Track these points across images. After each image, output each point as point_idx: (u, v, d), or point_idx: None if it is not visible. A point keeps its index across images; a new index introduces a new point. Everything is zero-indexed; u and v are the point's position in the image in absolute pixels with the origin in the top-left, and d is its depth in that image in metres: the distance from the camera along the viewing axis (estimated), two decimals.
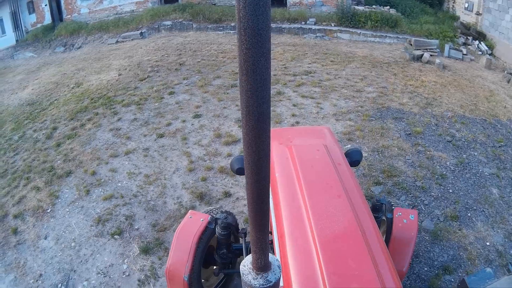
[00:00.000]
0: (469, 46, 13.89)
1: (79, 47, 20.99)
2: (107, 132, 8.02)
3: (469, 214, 5.35)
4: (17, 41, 25.63)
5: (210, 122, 7.59)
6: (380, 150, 6.38)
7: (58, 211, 6.03)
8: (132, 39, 17.79)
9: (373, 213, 3.29)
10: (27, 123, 10.15)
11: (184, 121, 7.74)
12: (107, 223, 5.50)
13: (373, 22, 14.48)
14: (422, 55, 11.70)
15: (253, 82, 0.90)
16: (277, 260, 1.45)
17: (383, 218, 3.97)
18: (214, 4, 18.55)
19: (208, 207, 4.33)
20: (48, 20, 24.83)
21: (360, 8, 15.37)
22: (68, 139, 8.21)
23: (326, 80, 9.59)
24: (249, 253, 1.42)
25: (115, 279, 4.72)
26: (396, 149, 6.45)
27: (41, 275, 5.07)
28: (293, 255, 2.48)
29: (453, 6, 17.92)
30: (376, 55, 12.20)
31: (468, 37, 14.54)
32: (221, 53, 12.40)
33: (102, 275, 4.79)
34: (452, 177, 5.99)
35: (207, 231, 3.56)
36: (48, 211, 6.09)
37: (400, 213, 3.69)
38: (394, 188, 5.50)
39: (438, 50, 12.70)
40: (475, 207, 5.48)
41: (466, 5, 15.90)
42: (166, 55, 12.87)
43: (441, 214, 5.23)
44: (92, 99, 10.24)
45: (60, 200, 6.27)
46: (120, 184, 6.26)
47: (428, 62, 11.46)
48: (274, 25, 15.48)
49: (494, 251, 4.85)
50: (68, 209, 5.98)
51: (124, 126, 8.14)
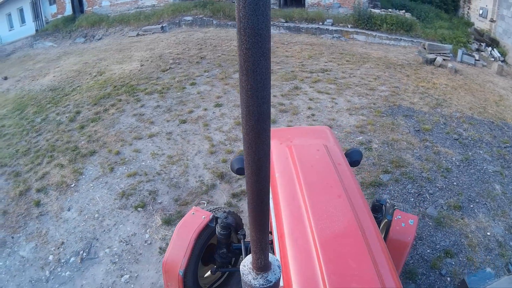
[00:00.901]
0: (482, 52, 14.15)
1: (100, 39, 21.55)
2: (130, 117, 8.49)
3: (471, 206, 5.63)
4: (36, 30, 26.26)
5: (231, 111, 8.03)
6: (390, 143, 6.75)
7: (82, 186, 6.45)
8: (153, 33, 18.29)
9: (373, 214, 3.34)
10: (50, 107, 10.68)
11: (205, 109, 8.20)
12: (131, 197, 5.92)
13: (388, 25, 14.79)
14: (435, 58, 12.01)
15: (253, 82, 0.91)
16: (277, 260, 1.47)
17: (384, 219, 4.00)
18: (234, 2, 19.04)
19: (214, 206, 4.39)
20: (68, 11, 25.42)
21: (376, 11, 15.71)
22: (92, 122, 8.69)
23: (341, 78, 9.98)
24: (249, 253, 1.43)
25: (137, 247, 5.10)
26: (405, 143, 6.82)
27: (63, 243, 5.45)
28: (293, 255, 2.50)
29: (468, 12, 18.16)
30: (390, 57, 12.55)
31: (481, 43, 14.81)
32: None
33: (125, 243, 5.17)
34: (457, 172, 6.32)
35: (208, 229, 3.60)
36: (72, 186, 6.52)
37: (400, 216, 3.69)
38: (401, 177, 5.86)
39: (451, 54, 13.00)
40: (477, 200, 5.75)
41: (481, 11, 16.17)
42: (187, 49, 13.34)
43: (444, 203, 5.54)
44: (115, 87, 10.73)
45: (84, 176, 6.70)
46: (144, 163, 6.71)
47: (440, 65, 11.77)
48: (292, 25, 15.88)
49: (494, 241, 5.09)
50: (92, 185, 6.41)
51: (147, 112, 8.61)
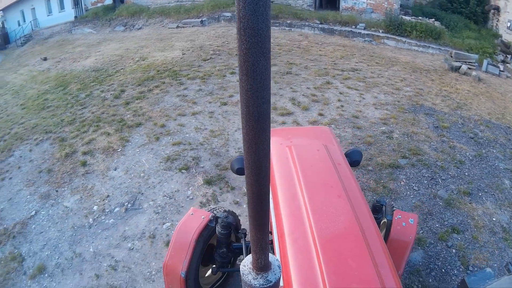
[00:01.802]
0: (507, 64, 14.56)
1: (140, 28, 22.65)
2: (174, 97, 9.40)
3: (480, 194, 6.17)
4: (75, 17, 27.65)
5: None
6: (410, 134, 7.42)
7: (128, 151, 7.32)
8: (192, 26, 19.23)
9: (373, 214, 3.36)
10: (94, 85, 11.71)
11: None
12: (175, 161, 6.75)
13: (418, 32, 15.33)
14: (460, 66, 12.55)
15: (253, 82, 0.91)
16: (277, 260, 1.46)
17: (384, 219, 4.04)
18: (272, 1, 19.82)
19: (212, 206, 4.43)
20: (109, 0, 26.67)
21: (407, 18, 16.24)
22: (137, 99, 9.63)
23: (370, 77, 10.66)
24: (249, 253, 1.42)
25: (180, 201, 5.88)
26: (423, 136, 7.47)
27: (108, 196, 6.24)
28: (293, 255, 2.49)
29: (496, 24, 18.48)
30: (417, 62, 13.14)
31: (507, 55, 15.23)
32: (277, 45, 13.61)
33: (168, 198, 5.95)
34: (469, 165, 6.93)
35: (207, 229, 3.60)
36: (119, 150, 7.40)
37: (400, 216, 3.72)
38: (417, 162, 6.53)
39: (477, 64, 13.48)
40: (486, 190, 6.28)
41: (508, 24, 16.55)
42: (226, 42, 14.22)
43: (455, 189, 6.14)
44: (158, 71, 11.69)
45: (130, 143, 7.58)
46: (187, 135, 7.57)
47: (465, 73, 12.30)
48: (326, 26, 16.60)
49: (499, 226, 5.58)
50: (138, 150, 7.28)
51: (190, 94, 9.50)
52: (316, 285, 2.23)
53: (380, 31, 15.95)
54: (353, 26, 16.54)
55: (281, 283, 2.39)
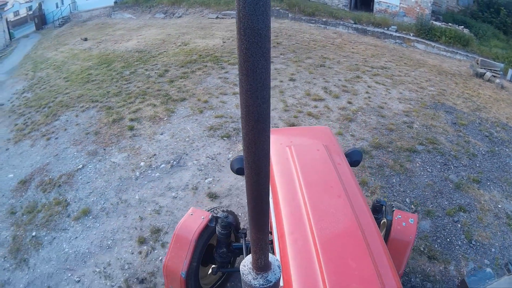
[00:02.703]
0: None
1: (180, 16, 23.61)
2: (216, 79, 10.28)
3: (488, 183, 6.69)
4: (115, 2, 28.92)
5: (302, 85, 9.62)
6: (428, 126, 8.07)
7: (174, 120, 8.19)
8: (231, 17, 20.06)
9: (373, 214, 3.34)
10: (138, 64, 12.69)
11: (281, 81, 9.85)
12: (218, 130, 7.61)
13: (447, 38, 15.75)
14: (485, 73, 13.01)
15: (253, 82, 0.91)
16: (277, 260, 1.46)
17: (383, 219, 4.09)
18: (309, 0, 20.53)
19: (211, 206, 4.58)
20: None
21: (437, 23, 16.67)
22: (181, 78, 10.55)
23: (397, 75, 11.29)
24: (249, 253, 1.41)
25: (221, 161, 6.71)
26: (441, 129, 8.11)
27: (154, 155, 7.09)
28: (293, 255, 2.49)
29: None
30: (444, 66, 13.65)
31: None
32: (312, 41, 14.35)
33: (210, 158, 6.78)
34: (481, 158, 7.49)
35: (207, 229, 3.59)
36: (165, 119, 8.29)
37: (400, 216, 3.73)
38: (433, 150, 7.19)
39: (501, 73, 13.86)
40: (495, 181, 6.79)
41: None
42: None
43: (465, 175, 6.73)
44: (200, 56, 12.60)
45: (175, 114, 8.46)
46: (229, 110, 8.41)
47: (489, 80, 12.75)
48: (360, 26, 17.20)
49: (503, 212, 5.95)
50: (183, 120, 8.16)
51: (230, 77, 10.36)
52: (316, 285, 2.24)
53: (411, 35, 16.46)
54: (385, 28, 17.09)
55: (281, 283, 2.39)
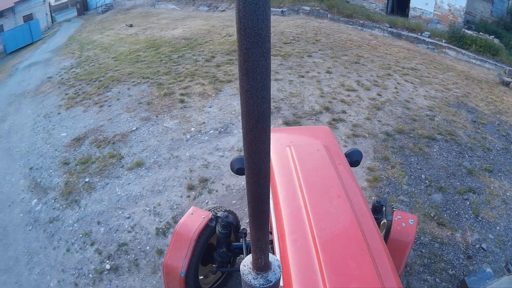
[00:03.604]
0: None
1: (223, 10, 24.68)
2: None
3: (499, 174, 7.18)
4: None
5: (337, 77, 10.48)
6: (449, 121, 8.76)
7: (221, 97, 9.19)
8: (273, 14, 20.87)
9: (373, 214, 3.32)
10: (185, 49, 13.78)
11: (318, 73, 10.73)
12: None
13: (477, 47, 16.18)
14: (511, 82, 13.57)
15: (253, 82, 0.91)
16: (277, 260, 1.47)
17: (384, 220, 4.07)
18: (348, 2, 21.23)
19: (211, 205, 4.54)
20: None
21: (469, 32, 17.12)
22: (226, 64, 11.57)
23: (426, 76, 11.94)
24: (249, 253, 1.42)
25: None
26: (460, 124, 8.77)
27: (204, 123, 8.06)
28: (293, 255, 2.48)
29: None
30: (472, 72, 14.16)
31: None
32: (349, 41, 15.10)
33: None
34: (496, 153, 8.01)
35: (208, 228, 3.58)
36: (212, 95, 9.30)
37: (400, 217, 3.71)
38: (450, 140, 7.86)
39: None
40: (506, 174, 7.29)
41: None
42: (304, 32, 15.87)
43: (478, 164, 7.35)
44: None
45: (223, 92, 9.45)
46: (271, 93, 9.42)
47: None
48: (395, 30, 17.83)
49: (511, 199, 6.38)
50: (229, 97, 9.16)
51: (272, 66, 11.24)
52: (316, 285, 2.23)
53: (443, 41, 16.97)
54: (419, 33, 17.64)
55: (281, 283, 2.38)
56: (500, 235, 5.66)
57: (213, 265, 4.00)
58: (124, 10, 30.54)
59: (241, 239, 3.83)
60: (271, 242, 3.08)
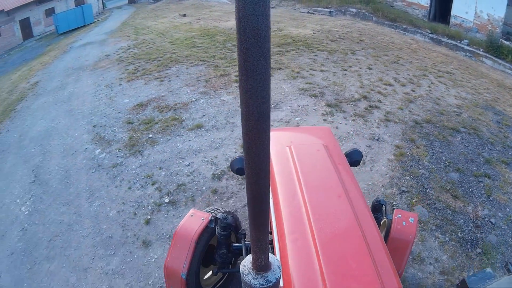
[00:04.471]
0: None
1: (273, 7, 25.63)
2: (307, 59, 12.34)
3: None
4: None
5: (377, 73, 11.46)
6: (475, 118, 9.52)
7: (272, 81, 9.94)
8: (321, 14, 21.91)
9: (373, 214, 3.34)
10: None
11: (360, 68, 11.75)
12: (307, 91, 9.67)
13: None
14: None
15: (253, 82, 0.92)
16: (277, 260, 1.48)
17: (384, 219, 4.05)
18: (392, 7, 21.94)
19: (210, 207, 4.60)
20: None
21: (506, 42, 17.46)
22: (277, 54, 12.66)
23: (459, 80, 12.67)
24: (249, 253, 1.43)
25: (308, 110, 8.76)
26: (485, 123, 9.51)
27: None
28: (293, 255, 2.46)
29: None
30: (506, 82, 14.65)
31: None
32: (391, 43, 15.91)
33: (300, 107, 8.85)
34: None
35: (207, 230, 3.55)
36: None
37: (400, 215, 3.67)
38: (473, 133, 8.65)
39: None
40: None
41: None
42: (349, 32, 16.82)
43: (496, 156, 8.00)
44: (293, 40, 14.70)
45: (273, 77, 10.55)
46: (316, 81, 10.44)
47: None
48: (435, 36, 18.45)
49: None
50: (279, 81, 10.31)
51: (319, 59, 12.39)
52: (316, 285, 2.23)
53: (481, 50, 17.43)
54: (458, 41, 18.17)
55: (281, 283, 2.38)
56: (509, 216, 6.13)
57: (214, 266, 4.00)
58: (176, 1, 32.18)
59: (241, 240, 3.78)
60: (271, 242, 3.07)
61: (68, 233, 6.34)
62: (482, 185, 6.83)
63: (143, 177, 6.99)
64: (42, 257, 5.98)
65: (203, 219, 3.55)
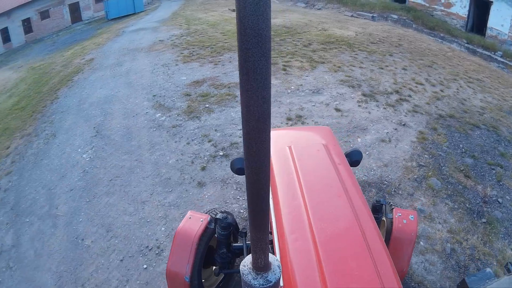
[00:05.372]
0: None
1: (319, 9, 26.77)
2: (348, 56, 13.49)
3: None
4: None
5: (410, 73, 12.48)
6: (496, 119, 10.33)
7: (315, 71, 11.56)
8: (364, 18, 22.79)
9: (373, 214, 3.30)
10: (285, 35, 16.25)
11: (395, 68, 12.82)
12: (346, 82, 10.87)
13: None
14: None
15: (253, 82, 0.92)
16: (277, 260, 1.48)
17: (383, 218, 4.05)
18: (432, 16, 22.64)
19: (208, 208, 4.53)
20: None
21: None
22: (321, 51, 13.89)
23: (488, 87, 13.35)
24: (250, 253, 1.42)
25: (345, 97, 9.94)
26: (506, 124, 10.24)
27: (301, 85, 10.52)
28: (293, 255, 2.47)
29: None
30: None
31: None
32: (428, 49, 16.70)
33: (338, 94, 10.05)
34: None
35: (207, 231, 3.53)
36: (308, 70, 11.69)
37: (400, 214, 3.66)
38: (492, 131, 9.47)
39: None
40: None
41: None
42: (389, 36, 17.76)
43: (510, 152, 8.97)
44: (337, 40, 15.83)
45: (317, 69, 11.82)
46: (354, 75, 11.60)
47: None
48: (470, 46, 19.06)
49: None
50: (322, 73, 11.52)
51: (359, 57, 13.50)
52: (316, 285, 2.23)
53: None
54: (492, 52, 18.67)
55: (281, 283, 2.37)
56: None
57: (214, 267, 3.98)
58: None
59: (242, 239, 3.79)
60: (271, 242, 3.05)
61: (129, 175, 7.46)
62: (494, 172, 7.53)
63: (200, 136, 8.19)
64: (101, 193, 7.11)
65: (202, 221, 3.54)
